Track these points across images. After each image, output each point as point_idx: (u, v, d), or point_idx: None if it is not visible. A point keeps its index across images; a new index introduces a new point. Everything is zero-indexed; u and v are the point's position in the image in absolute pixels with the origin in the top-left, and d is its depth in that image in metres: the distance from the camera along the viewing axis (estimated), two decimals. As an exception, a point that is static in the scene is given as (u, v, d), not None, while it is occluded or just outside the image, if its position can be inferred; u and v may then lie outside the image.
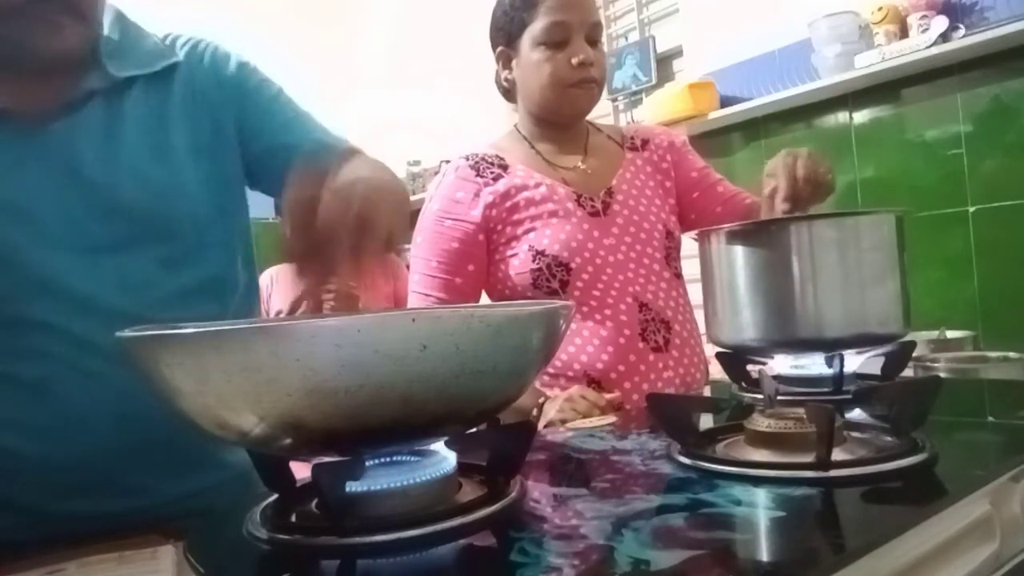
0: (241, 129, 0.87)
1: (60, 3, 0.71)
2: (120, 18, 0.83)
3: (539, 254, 1.14)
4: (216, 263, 0.85)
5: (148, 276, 0.78)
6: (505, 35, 1.22)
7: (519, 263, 1.16)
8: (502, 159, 1.21)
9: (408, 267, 2.33)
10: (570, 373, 1.13)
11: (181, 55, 0.85)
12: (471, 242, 1.17)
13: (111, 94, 0.78)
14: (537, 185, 1.18)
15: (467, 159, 1.22)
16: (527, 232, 1.16)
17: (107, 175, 0.76)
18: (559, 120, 1.24)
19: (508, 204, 1.17)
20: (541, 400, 1.05)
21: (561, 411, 0.99)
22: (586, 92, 1.19)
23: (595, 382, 1.12)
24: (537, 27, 1.17)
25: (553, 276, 1.14)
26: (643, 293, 1.16)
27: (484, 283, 1.21)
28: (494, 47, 1.26)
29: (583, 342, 1.13)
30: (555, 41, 1.16)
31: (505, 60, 1.25)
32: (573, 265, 1.14)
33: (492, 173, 1.19)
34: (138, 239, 0.77)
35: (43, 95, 0.75)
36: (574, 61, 1.15)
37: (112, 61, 0.78)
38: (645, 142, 1.32)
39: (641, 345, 1.13)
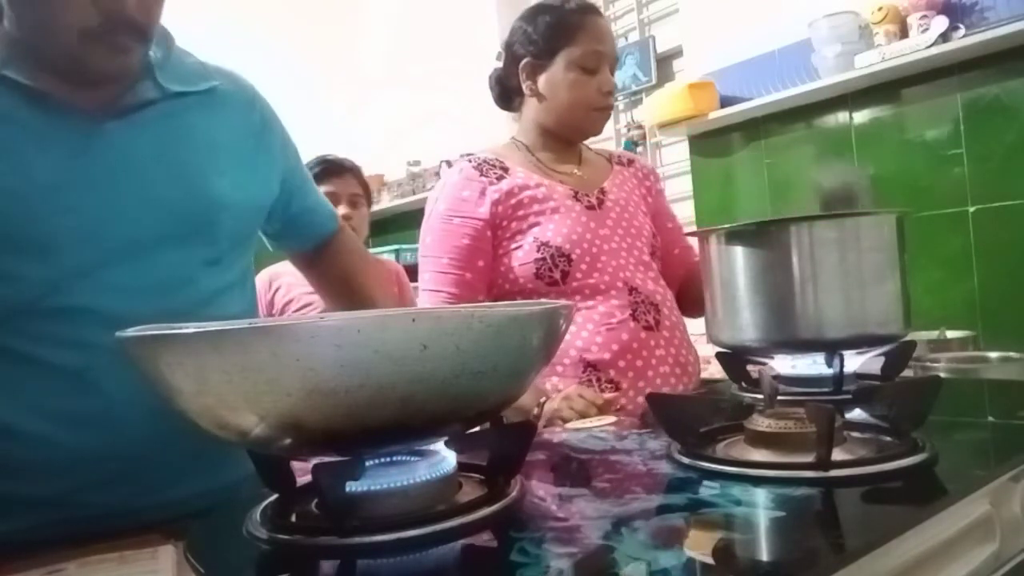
0: (283, 185, 0.96)
1: (130, 28, 0.75)
2: (165, 35, 0.86)
3: (543, 245, 1.19)
4: (241, 265, 0.91)
5: (191, 274, 0.81)
6: (537, 49, 1.27)
7: (523, 254, 1.20)
8: (502, 162, 1.26)
9: (405, 269, 2.33)
10: (567, 360, 1.16)
11: (228, 84, 0.91)
12: (480, 238, 1.21)
13: (165, 105, 0.83)
14: (537, 185, 1.24)
15: (469, 160, 1.26)
16: (532, 227, 1.21)
17: (158, 176, 0.79)
18: (573, 136, 1.32)
19: (513, 201, 1.22)
20: (542, 400, 1.06)
21: (559, 410, 1.01)
22: (604, 116, 1.31)
23: (591, 365, 1.15)
24: (576, 52, 1.24)
25: (556, 266, 1.19)
26: (632, 279, 1.21)
27: (490, 280, 1.23)
28: (517, 55, 1.29)
29: (577, 328, 1.17)
30: (590, 68, 1.25)
31: (530, 71, 1.28)
32: (574, 256, 1.19)
33: (495, 174, 1.24)
34: (183, 239, 0.80)
35: (102, 97, 0.78)
36: (604, 89, 1.26)
37: (162, 74, 0.83)
38: (631, 161, 1.42)
39: (633, 324, 1.17)
